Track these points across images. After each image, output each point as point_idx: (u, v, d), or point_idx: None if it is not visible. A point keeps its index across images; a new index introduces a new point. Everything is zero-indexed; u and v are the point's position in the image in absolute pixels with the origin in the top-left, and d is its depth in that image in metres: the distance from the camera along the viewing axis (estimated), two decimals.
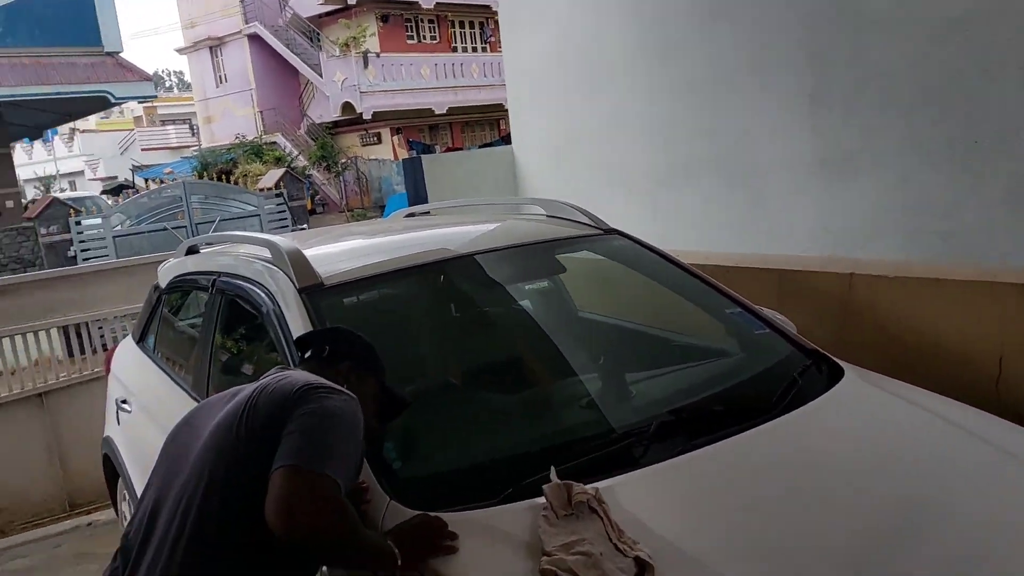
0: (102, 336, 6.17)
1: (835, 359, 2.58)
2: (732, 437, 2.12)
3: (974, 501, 1.93)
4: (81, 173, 40.08)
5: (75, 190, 36.44)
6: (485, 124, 30.47)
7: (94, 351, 5.92)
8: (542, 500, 1.80)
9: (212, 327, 2.93)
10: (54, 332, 5.78)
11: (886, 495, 1.96)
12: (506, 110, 7.70)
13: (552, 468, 1.89)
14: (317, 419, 1.61)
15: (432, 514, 1.78)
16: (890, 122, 4.23)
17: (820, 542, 1.79)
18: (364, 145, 28.32)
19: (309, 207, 21.22)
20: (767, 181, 5.02)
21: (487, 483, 1.96)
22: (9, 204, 15.64)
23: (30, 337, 5.63)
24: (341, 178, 27.09)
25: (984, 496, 1.95)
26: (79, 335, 5.81)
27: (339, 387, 1.74)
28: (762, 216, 5.06)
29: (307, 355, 1.96)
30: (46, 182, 34.55)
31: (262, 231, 13.16)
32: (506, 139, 8.95)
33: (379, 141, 28.18)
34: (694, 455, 2.04)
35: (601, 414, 2.35)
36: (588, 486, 1.82)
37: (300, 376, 1.75)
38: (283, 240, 2.63)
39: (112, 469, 3.84)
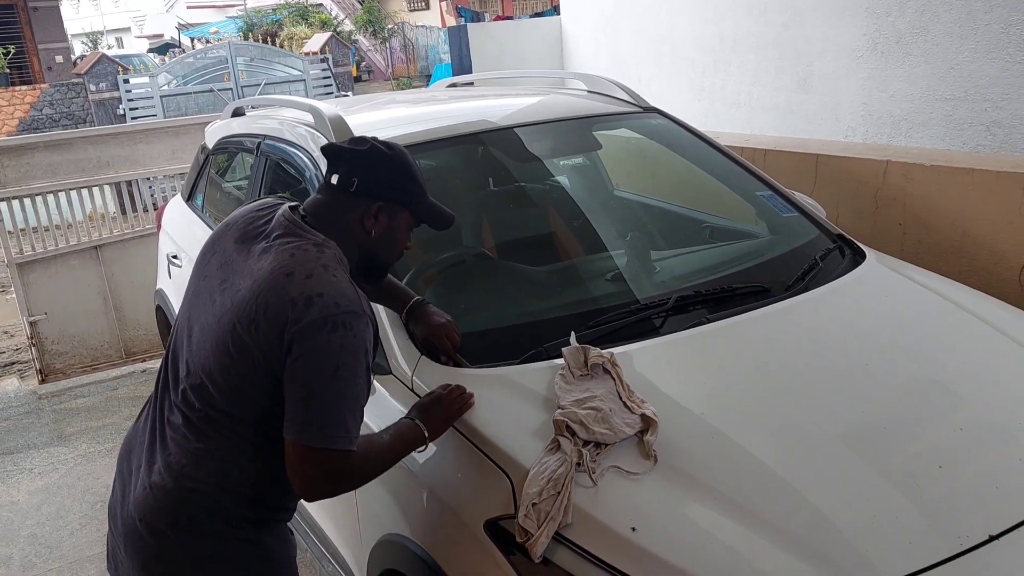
0: (152, 194, 6.36)
1: (859, 244, 2.62)
2: (747, 312, 2.19)
3: (984, 388, 1.98)
4: (128, 30, 39.84)
5: (122, 47, 36.38)
6: None
7: (145, 209, 6.11)
8: (560, 361, 1.93)
9: (257, 188, 3.05)
10: (107, 188, 5.96)
11: (897, 376, 2.02)
12: None
13: (572, 333, 2.01)
14: (319, 378, 1.52)
15: (449, 384, 1.87)
16: (946, 3, 4.07)
17: (825, 415, 1.85)
18: (411, 11, 27.69)
19: (354, 74, 21.00)
20: (815, 63, 4.91)
21: (512, 344, 2.08)
22: (59, 59, 15.68)
23: (84, 192, 5.82)
24: (387, 45, 26.63)
25: (994, 384, 1.99)
26: (130, 192, 5.99)
27: (341, 297, 1.55)
28: (807, 100, 4.97)
29: (333, 180, 1.74)
30: (93, 38, 34.41)
31: (307, 97, 13.14)
32: (558, 8, 8.74)
33: (427, 7, 27.51)
34: (708, 328, 2.13)
35: (624, 286, 2.43)
36: (604, 350, 1.94)
37: (297, 285, 1.55)
38: (326, 106, 2.70)
39: (164, 319, 4.08)
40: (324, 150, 1.80)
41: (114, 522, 1.73)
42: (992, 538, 1.54)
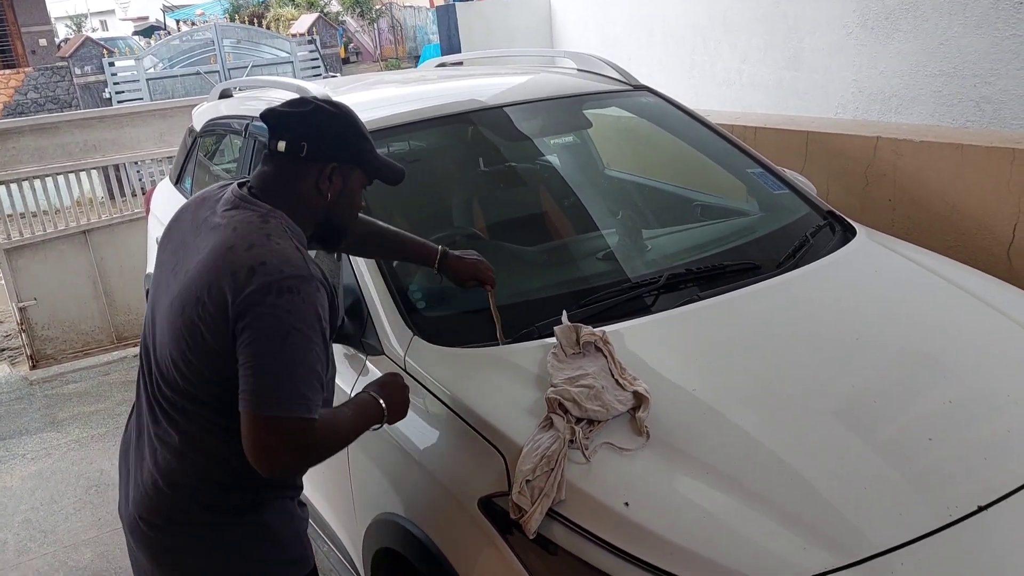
0: (140, 178, 6.32)
1: (849, 220, 2.63)
2: (739, 289, 2.20)
3: (973, 361, 1.99)
4: (112, 12, 39.42)
5: (106, 30, 36.02)
6: None
7: (133, 193, 6.07)
8: (553, 340, 1.93)
9: (245, 170, 3.03)
10: (95, 173, 5.92)
11: (887, 350, 2.03)
12: None
13: (564, 312, 2.01)
14: (269, 350, 1.44)
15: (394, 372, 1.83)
16: None
17: (815, 390, 1.86)
18: None
19: (343, 55, 20.83)
20: (805, 40, 4.89)
21: (504, 323, 2.07)
22: (42, 42, 15.49)
23: (72, 177, 5.78)
24: (375, 26, 26.42)
25: (983, 357, 2.00)
26: (118, 176, 5.95)
27: (285, 263, 1.49)
28: (797, 77, 4.96)
29: (280, 147, 1.63)
30: (77, 21, 34.04)
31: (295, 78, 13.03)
32: None
33: None
34: (700, 305, 2.13)
35: (615, 265, 2.43)
36: (596, 329, 1.94)
37: (238, 257, 1.49)
38: (314, 86, 2.68)
39: None
40: (264, 116, 1.67)
41: (123, 522, 1.74)
42: (981, 509, 1.56)
